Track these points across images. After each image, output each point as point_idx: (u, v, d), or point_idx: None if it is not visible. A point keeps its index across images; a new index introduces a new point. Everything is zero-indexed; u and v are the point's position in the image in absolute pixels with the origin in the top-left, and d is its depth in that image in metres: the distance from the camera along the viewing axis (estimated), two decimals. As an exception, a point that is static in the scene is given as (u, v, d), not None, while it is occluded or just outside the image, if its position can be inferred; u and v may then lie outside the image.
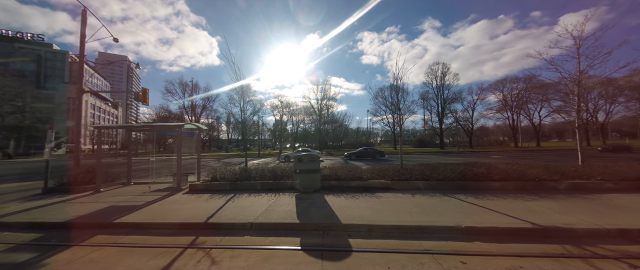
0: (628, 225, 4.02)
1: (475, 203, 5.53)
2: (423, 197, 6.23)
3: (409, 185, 7.29)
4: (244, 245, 3.78)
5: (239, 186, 7.84)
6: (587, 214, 4.61)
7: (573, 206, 5.15)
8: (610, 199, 5.66)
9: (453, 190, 6.92)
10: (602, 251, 3.32)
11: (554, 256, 3.21)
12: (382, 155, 26.29)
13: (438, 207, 5.31)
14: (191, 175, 9.24)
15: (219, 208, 5.55)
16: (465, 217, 4.50)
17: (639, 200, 5.57)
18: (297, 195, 6.57)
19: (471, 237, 3.89)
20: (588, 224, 4.09)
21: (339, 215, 4.77)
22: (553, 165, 8.57)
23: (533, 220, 4.27)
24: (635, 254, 3.23)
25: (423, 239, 3.85)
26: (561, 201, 5.57)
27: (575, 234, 3.86)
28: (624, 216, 4.44)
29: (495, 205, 5.30)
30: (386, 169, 8.58)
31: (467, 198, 5.99)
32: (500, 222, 4.24)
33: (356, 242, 3.81)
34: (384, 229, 4.20)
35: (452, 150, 40.56)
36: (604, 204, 5.25)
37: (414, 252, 3.40)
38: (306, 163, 7.01)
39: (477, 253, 3.32)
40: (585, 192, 6.36)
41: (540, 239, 3.79)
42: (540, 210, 4.93)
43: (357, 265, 3.07)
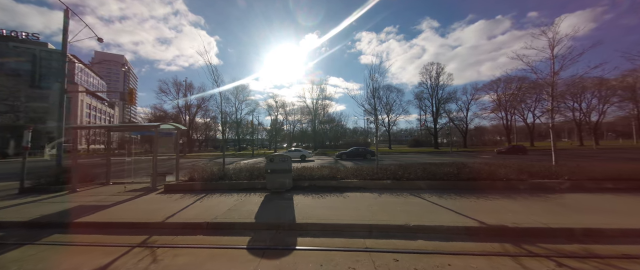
0: (575, 224, 4.11)
1: (436, 202, 5.62)
2: (389, 196, 6.31)
3: (380, 185, 7.37)
4: (192, 244, 3.85)
5: (214, 186, 7.89)
6: (540, 213, 4.70)
7: (531, 205, 5.25)
8: (571, 199, 5.76)
9: (423, 189, 7.01)
10: (538, 249, 3.41)
11: (487, 254, 3.29)
12: (372, 154, 26.38)
13: (399, 206, 5.39)
14: (170, 176, 9.28)
15: (183, 207, 5.61)
16: (419, 216, 4.59)
17: (598, 200, 5.67)
18: (267, 195, 6.64)
19: (417, 235, 3.97)
20: (536, 223, 4.18)
21: (298, 215, 4.85)
22: (527, 165, 8.67)
23: (484, 219, 4.36)
24: (568, 253, 3.31)
25: (370, 238, 3.93)
26: (521, 200, 5.66)
27: (520, 233, 3.94)
28: (576, 216, 4.53)
29: (454, 204, 5.39)
30: (363, 169, 8.67)
31: (431, 197, 6.09)
32: (450, 220, 4.33)
33: (304, 240, 3.88)
34: (336, 228, 4.27)
35: (445, 150, 40.74)
36: (562, 204, 5.35)
37: (354, 250, 3.48)
38: (277, 163, 7.08)
39: (413, 251, 3.40)
40: (549, 192, 6.46)
41: (484, 237, 3.87)
42: (496, 209, 5.02)
43: (291, 263, 3.14)
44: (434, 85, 50.28)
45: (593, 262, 3.04)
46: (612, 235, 3.79)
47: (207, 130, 74.17)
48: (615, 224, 4.03)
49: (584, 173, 7.34)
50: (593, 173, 7.27)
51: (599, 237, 3.74)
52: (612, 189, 6.51)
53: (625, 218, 4.32)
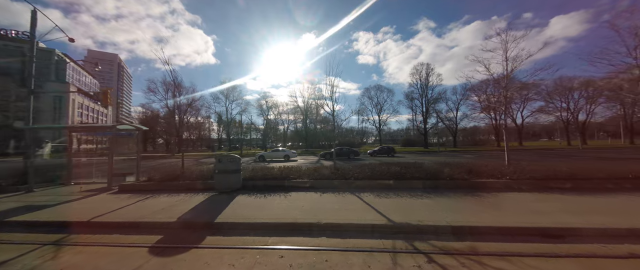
0: (485, 223, 4.26)
1: (369, 201, 5.78)
2: (331, 195, 6.47)
3: (328, 184, 7.53)
4: (99, 242, 3.97)
5: (169, 186, 8.00)
6: (461, 212, 4.86)
7: (454, 204, 5.43)
8: (502, 198, 5.95)
9: (365, 188, 7.17)
10: (424, 246, 3.57)
11: (372, 250, 3.45)
12: (356, 154, 26.60)
13: (333, 205, 5.55)
14: (131, 176, 9.37)
15: (120, 207, 5.73)
16: (337, 214, 4.75)
17: (530, 199, 5.85)
18: (212, 196, 6.77)
19: (324, 232, 4.13)
20: (440, 221, 4.35)
21: (224, 214, 4.99)
22: (481, 164, 8.89)
23: (395, 217, 4.53)
24: (448, 249, 3.49)
25: (276, 235, 4.08)
26: (453, 199, 5.84)
27: (420, 230, 4.12)
28: (495, 214, 4.69)
29: (383, 203, 5.56)
30: (320, 169, 8.84)
31: (369, 196, 6.24)
32: (361, 218, 4.50)
33: (212, 239, 4.02)
34: (251, 227, 4.42)
35: (434, 150, 41.12)
36: (490, 203, 5.50)
37: (249, 248, 3.63)
38: (225, 163, 7.21)
39: (303, 247, 3.56)
40: (487, 191, 6.63)
41: (385, 234, 4.04)
42: (417, 207, 5.19)
43: (180, 260, 3.29)
44: (423, 85, 50.67)
45: (464, 258, 3.21)
46: (495, 233, 3.97)
47: (201, 130, 74.08)
48: (509, 223, 4.22)
49: (528, 173, 7.55)
50: (535, 173, 7.48)
51: (486, 234, 3.93)
52: (552, 188, 6.68)
53: (524, 217, 4.50)
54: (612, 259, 3.12)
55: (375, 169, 8.01)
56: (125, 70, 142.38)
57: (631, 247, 3.40)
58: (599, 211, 4.69)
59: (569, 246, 3.48)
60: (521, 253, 3.29)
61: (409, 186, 7.23)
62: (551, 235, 3.84)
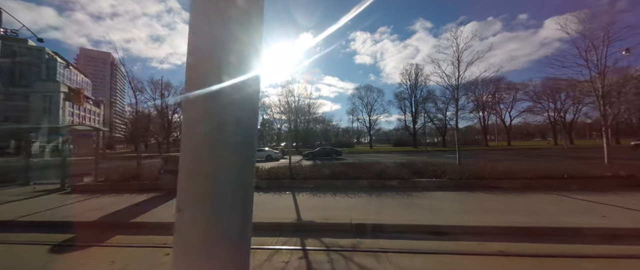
0: (385, 220, 4.47)
1: (300, 200, 5.96)
2: (267, 195, 6.65)
3: (277, 184, 7.70)
4: (8, 240, 4.11)
5: (122, 187, 8.11)
6: (374, 211, 5.07)
7: (378, 203, 5.62)
8: (430, 197, 6.14)
9: (311, 188, 7.34)
10: (313, 244, 3.76)
11: (271, 248, 3.63)
12: (338, 154, 26.82)
13: (263, 204, 5.72)
14: (88, 176, 9.46)
15: (52, 208, 5.85)
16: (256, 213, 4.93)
17: (449, 197, 6.07)
18: (155, 196, 6.91)
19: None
20: (347, 219, 4.54)
21: (148, 214, 5.16)
22: (435, 163, 9.13)
23: (305, 215, 4.73)
24: (336, 246, 3.68)
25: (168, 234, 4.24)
26: (376, 198, 6.02)
27: (320, 228, 4.31)
28: (408, 212, 4.90)
29: (307, 201, 5.75)
30: (279, 169, 9.01)
31: (304, 195, 6.43)
32: (269, 217, 4.68)
33: (120, 238, 4.18)
34: (162, 226, 4.58)
35: (421, 150, 41.48)
36: (412, 203, 5.70)
37: (134, 246, 3.81)
38: (170, 164, 7.35)
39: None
40: (424, 191, 6.81)
41: (270, 232, 4.20)
42: (335, 207, 5.37)
43: (70, 257, 3.44)
44: (412, 85, 51.05)
45: (336, 253, 3.40)
46: (390, 230, 4.18)
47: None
48: (402, 220, 4.43)
49: (471, 173, 7.75)
50: (477, 173, 7.70)
51: (378, 231, 4.13)
52: (483, 187, 6.90)
53: (421, 215, 4.70)
54: (482, 256, 3.33)
55: (332, 169, 8.23)
56: (119, 68, 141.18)
57: (504, 245, 3.61)
58: (495, 210, 4.90)
59: (450, 243, 3.69)
60: (388, 249, 3.50)
61: (350, 186, 7.40)
62: (435, 232, 4.05)
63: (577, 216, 4.40)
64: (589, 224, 3.98)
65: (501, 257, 3.23)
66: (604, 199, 5.52)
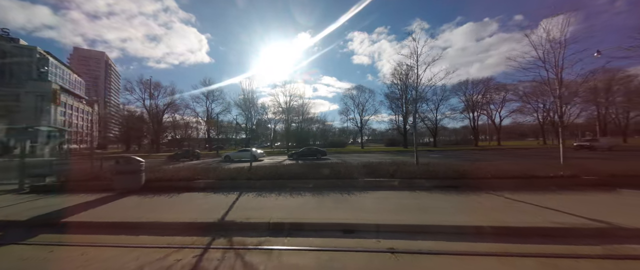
0: (311, 220, 4.61)
1: (245, 201, 6.11)
2: (214, 195, 6.77)
3: (228, 184, 7.82)
4: None
5: (80, 187, 8.18)
6: (303, 210, 5.21)
7: (314, 203, 5.77)
8: (367, 196, 6.28)
9: (265, 188, 7.46)
10: (219, 243, 3.90)
11: (150, 247, 3.76)
12: (323, 154, 26.96)
13: (206, 204, 5.86)
14: (51, 177, 9.53)
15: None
16: (180, 213, 5.07)
17: (387, 196, 6.22)
18: (105, 196, 7.00)
19: (148, 231, 4.43)
20: (266, 218, 4.67)
21: (84, 214, 5.27)
22: (394, 162, 9.32)
23: (232, 216, 4.87)
24: (248, 244, 3.81)
25: (111, 234, 4.37)
26: (316, 197, 6.14)
27: (238, 227, 4.45)
28: (334, 211, 5.05)
29: (248, 201, 5.89)
30: (239, 169, 9.14)
31: (249, 196, 6.56)
32: (196, 217, 4.81)
33: (43, 237, 4.29)
34: (82, 225, 4.71)
35: (408, 150, 41.79)
36: (347, 201, 5.84)
37: (54, 244, 3.92)
38: (121, 165, 7.46)
39: (108, 244, 3.86)
40: (365, 190, 6.95)
41: (210, 231, 4.35)
42: (268, 206, 5.50)
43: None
44: (403, 86, 51.33)
45: (231, 251, 3.55)
46: (309, 228, 4.33)
47: (187, 129, 73.61)
48: (315, 218, 4.58)
49: (432, 173, 7.88)
50: (439, 172, 7.83)
51: (293, 230, 4.28)
52: (438, 187, 7.06)
53: (351, 213, 4.86)
54: (370, 253, 3.49)
55: (288, 169, 8.39)
56: (113, 68, 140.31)
57: (395, 242, 3.77)
58: (429, 209, 5.07)
59: (352, 241, 3.85)
60: (287, 246, 3.65)
61: (306, 186, 7.55)
62: (347, 230, 4.21)
63: (466, 215, 4.57)
64: (470, 222, 4.18)
65: (386, 253, 3.39)
66: (524, 197, 5.71)
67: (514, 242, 3.61)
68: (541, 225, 3.98)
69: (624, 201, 5.41)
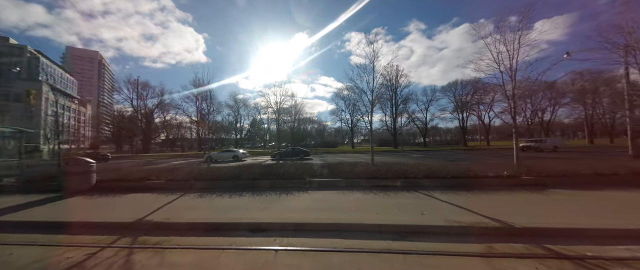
0: (225, 220, 4.76)
1: (170, 200, 6.24)
2: (161, 196, 6.89)
3: (180, 185, 7.93)
4: None
5: (37, 187, 8.22)
6: (226, 211, 5.36)
7: (249, 203, 5.91)
8: (303, 195, 6.44)
9: (212, 189, 7.59)
10: (123, 242, 4.02)
11: (86, 245, 3.88)
12: (307, 154, 27.14)
13: (135, 203, 5.98)
14: (9, 178, 9.57)
15: None
16: (110, 213, 5.19)
17: (320, 197, 6.38)
18: (54, 196, 7.10)
19: (69, 230, 4.54)
20: (185, 218, 4.82)
21: (18, 213, 5.36)
22: (359, 163, 9.54)
23: (154, 216, 4.99)
24: (147, 243, 3.94)
25: (35, 233, 4.48)
26: (254, 197, 6.30)
27: (155, 227, 4.58)
28: (253, 210, 5.20)
29: (184, 202, 6.03)
30: (196, 171, 9.26)
31: (187, 196, 6.70)
32: (120, 217, 4.93)
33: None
34: (17, 225, 4.81)
35: (398, 150, 42.11)
36: (275, 201, 6.00)
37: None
38: (72, 166, 7.55)
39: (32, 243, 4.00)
40: (306, 190, 7.11)
41: (125, 231, 4.47)
42: (203, 206, 5.65)
43: None
44: (393, 86, 51.66)
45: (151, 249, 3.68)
46: (201, 227, 4.48)
47: (180, 130, 73.35)
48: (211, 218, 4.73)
49: (382, 173, 8.04)
50: (389, 172, 8.00)
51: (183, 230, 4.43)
52: (378, 186, 7.24)
53: (274, 213, 5.01)
54: (252, 251, 3.63)
55: (238, 171, 8.53)
56: (107, 67, 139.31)
57: (296, 240, 3.92)
58: (346, 209, 5.23)
59: (258, 239, 4.00)
60: (181, 245, 3.79)
61: (257, 185, 7.69)
62: (258, 229, 4.35)
63: (373, 214, 4.74)
64: (370, 221, 4.36)
65: (271, 251, 3.55)
66: (452, 196, 5.90)
67: (397, 239, 3.79)
68: (433, 223, 4.16)
69: (538, 200, 5.61)
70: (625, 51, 13.13)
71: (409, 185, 7.21)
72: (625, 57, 12.87)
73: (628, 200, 5.42)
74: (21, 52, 75.30)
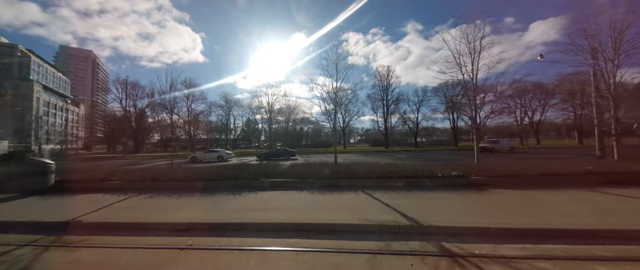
0: (164, 220, 4.91)
1: (117, 200, 6.38)
2: (112, 196, 7.01)
3: (138, 186, 8.05)
4: None
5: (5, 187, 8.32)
6: (171, 211, 5.51)
7: (190, 204, 6.06)
8: (247, 196, 6.60)
9: (171, 190, 7.71)
10: (48, 241, 4.15)
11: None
12: (292, 154, 27.30)
13: (83, 203, 6.10)
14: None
15: None
16: (46, 214, 5.31)
17: (261, 196, 6.54)
18: (10, 197, 7.19)
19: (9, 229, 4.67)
20: (126, 219, 4.96)
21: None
22: (316, 164, 9.68)
23: (85, 217, 5.13)
24: (70, 242, 4.08)
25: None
26: (203, 198, 6.47)
27: (92, 226, 4.71)
28: (190, 211, 5.35)
29: (128, 203, 6.18)
30: (161, 171, 9.39)
31: (139, 197, 6.83)
32: (51, 217, 5.07)
33: None
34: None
35: (388, 150, 42.41)
36: (217, 202, 6.16)
37: None
38: (29, 166, 7.64)
39: None
40: (255, 190, 7.29)
41: (53, 230, 4.59)
42: (141, 207, 5.80)
43: None
44: (384, 87, 51.98)
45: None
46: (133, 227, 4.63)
47: (173, 130, 73.05)
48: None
49: (342, 173, 8.27)
50: (352, 173, 8.26)
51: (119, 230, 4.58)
52: (327, 186, 7.43)
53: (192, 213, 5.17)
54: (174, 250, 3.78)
55: (206, 172, 8.72)
56: (101, 67, 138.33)
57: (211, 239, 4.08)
58: (274, 208, 5.40)
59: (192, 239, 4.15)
60: (104, 244, 3.93)
61: (214, 186, 7.84)
62: (178, 229, 4.50)
63: (317, 212, 4.92)
64: (278, 220, 4.57)
65: (175, 249, 3.71)
66: (389, 195, 6.09)
67: (304, 237, 3.97)
68: (347, 222, 4.37)
69: (472, 200, 5.81)
70: (591, 54, 13.48)
71: (355, 185, 7.40)
72: (591, 60, 13.19)
73: (551, 201, 5.62)
74: (12, 51, 74.59)
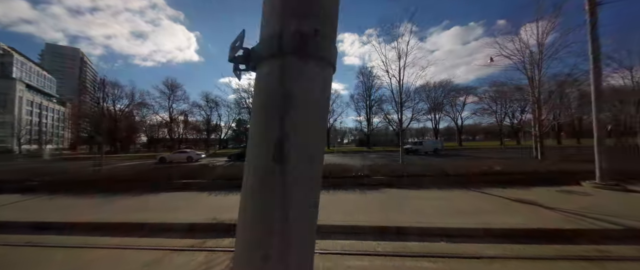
0: (87, 220, 5.33)
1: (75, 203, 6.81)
2: (63, 199, 7.43)
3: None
4: None
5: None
6: (107, 212, 6.01)
7: (111, 205, 6.48)
8: (175, 196, 7.03)
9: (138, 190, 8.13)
10: None
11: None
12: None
13: (59, 205, 6.55)
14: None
15: None
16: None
17: (184, 196, 6.94)
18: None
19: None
20: (57, 218, 5.49)
21: None
22: None
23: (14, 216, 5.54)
24: None
25: None
26: (134, 198, 6.99)
27: (21, 225, 5.24)
28: (118, 211, 5.82)
29: (54, 203, 6.60)
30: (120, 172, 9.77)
31: (65, 198, 7.29)
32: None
33: None
34: None
35: (370, 150, 43.17)
36: (143, 202, 6.65)
37: None
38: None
39: None
40: (187, 190, 7.76)
41: None
42: (64, 207, 6.34)
43: None
44: (367, 88, 52.69)
45: None
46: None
47: (159, 129, 72.54)
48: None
49: None
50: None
51: None
52: None
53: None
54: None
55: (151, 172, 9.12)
56: (89, 65, 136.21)
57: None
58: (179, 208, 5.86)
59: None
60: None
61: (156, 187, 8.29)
62: (95, 228, 4.91)
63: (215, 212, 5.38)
64: (202, 220, 5.11)
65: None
66: None
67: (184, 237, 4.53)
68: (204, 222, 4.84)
69: (363, 199, 6.38)
70: (530, 61, 14.30)
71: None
72: (527, 65, 14.02)
73: (419, 199, 6.16)
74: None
